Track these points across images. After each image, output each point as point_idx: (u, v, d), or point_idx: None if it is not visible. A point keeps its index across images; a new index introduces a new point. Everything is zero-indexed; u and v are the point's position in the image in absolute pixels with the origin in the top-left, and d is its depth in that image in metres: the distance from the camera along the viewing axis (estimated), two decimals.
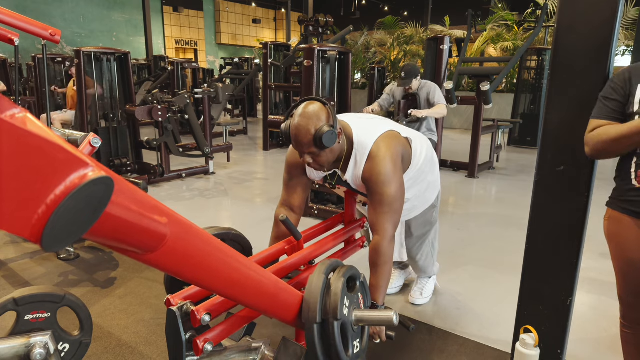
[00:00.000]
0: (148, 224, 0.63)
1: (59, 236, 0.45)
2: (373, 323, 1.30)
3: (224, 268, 0.91)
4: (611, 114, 1.42)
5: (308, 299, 1.20)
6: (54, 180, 0.42)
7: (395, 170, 1.75)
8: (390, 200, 1.71)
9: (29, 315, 1.60)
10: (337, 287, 1.21)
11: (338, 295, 1.19)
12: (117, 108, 5.05)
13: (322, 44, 5.77)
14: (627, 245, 1.50)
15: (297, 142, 1.62)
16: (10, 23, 2.30)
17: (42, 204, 0.42)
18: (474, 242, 3.53)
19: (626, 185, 1.47)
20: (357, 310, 1.30)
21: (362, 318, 1.29)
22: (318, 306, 1.18)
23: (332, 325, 1.18)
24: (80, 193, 0.43)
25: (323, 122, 1.59)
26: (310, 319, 1.18)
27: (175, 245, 0.73)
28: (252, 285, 1.01)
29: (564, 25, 1.56)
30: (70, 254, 3.08)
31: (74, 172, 0.43)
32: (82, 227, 0.47)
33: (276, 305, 1.16)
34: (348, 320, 1.25)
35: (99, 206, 0.47)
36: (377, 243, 1.72)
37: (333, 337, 1.19)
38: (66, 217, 0.44)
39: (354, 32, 13.04)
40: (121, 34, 16.21)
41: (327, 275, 1.24)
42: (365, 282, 1.41)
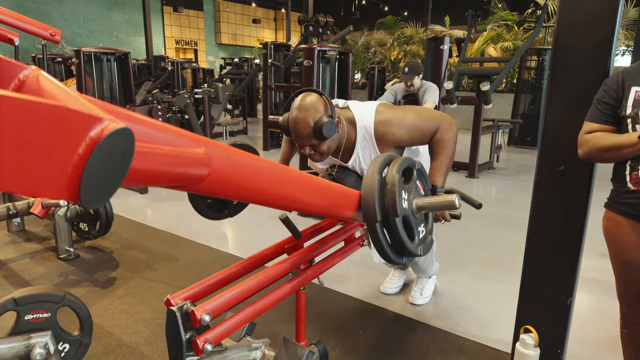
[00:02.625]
0: (184, 163, 0.62)
1: (96, 192, 0.47)
2: (435, 209, 1.28)
3: (276, 179, 0.89)
4: (604, 118, 1.43)
5: (365, 200, 1.17)
6: (74, 142, 0.44)
7: (402, 109, 1.80)
8: (419, 119, 1.75)
9: (29, 315, 1.60)
10: (393, 183, 1.17)
11: (395, 192, 1.16)
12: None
13: (322, 44, 5.77)
14: (626, 247, 1.50)
15: (297, 134, 1.63)
16: (10, 23, 2.30)
17: (69, 165, 0.44)
18: (474, 242, 3.53)
19: (622, 188, 1.47)
20: (418, 198, 1.28)
21: (423, 206, 1.27)
22: (377, 206, 1.16)
23: (394, 221, 1.17)
24: (102, 149, 0.45)
25: (321, 113, 1.60)
26: (371, 219, 1.17)
27: (220, 174, 0.71)
28: (308, 189, 0.99)
29: (564, 25, 1.56)
30: (70, 254, 3.08)
31: (91, 130, 0.45)
32: (116, 178, 0.49)
33: (336, 205, 1.15)
34: (409, 211, 1.24)
35: (125, 156, 0.48)
36: (437, 137, 1.74)
37: (397, 232, 1.18)
38: (96, 173, 0.46)
39: (354, 32, 13.05)
40: (121, 34, 16.21)
41: (381, 172, 1.21)
42: (422, 169, 1.38)
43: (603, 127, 1.43)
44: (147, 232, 3.72)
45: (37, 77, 0.54)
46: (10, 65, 0.54)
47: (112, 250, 3.28)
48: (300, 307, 1.63)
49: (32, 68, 0.55)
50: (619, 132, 1.42)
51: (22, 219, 3.61)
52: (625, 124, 1.40)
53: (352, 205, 1.20)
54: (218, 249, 3.35)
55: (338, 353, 2.08)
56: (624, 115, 1.39)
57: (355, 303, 2.57)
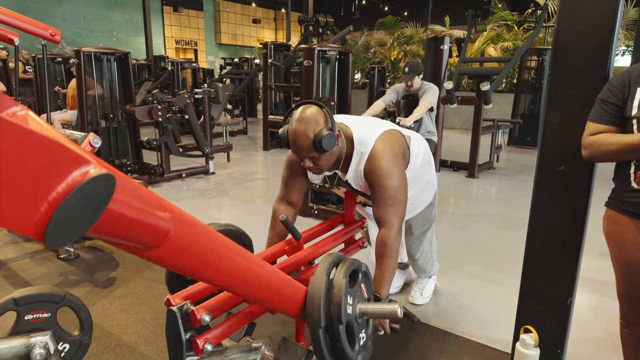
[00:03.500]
0: (151, 220, 0.62)
1: (61, 233, 0.45)
2: (377, 316, 1.29)
3: (228, 263, 0.90)
4: (609, 118, 1.42)
5: (311, 304, 1.19)
6: (56, 178, 0.43)
7: (396, 163, 1.76)
8: (393, 192, 1.72)
9: (29, 315, 1.60)
10: (340, 289, 1.20)
11: (341, 298, 1.18)
12: (117, 108, 5.05)
13: (322, 44, 5.77)
14: (626, 246, 1.50)
15: (297, 147, 1.62)
16: (10, 23, 2.30)
17: (45, 201, 0.43)
18: (474, 242, 3.53)
19: (625, 187, 1.46)
20: (361, 304, 1.29)
21: (366, 312, 1.28)
22: (322, 310, 1.17)
23: (337, 329, 1.18)
24: (82, 190, 0.43)
25: (321, 126, 1.59)
26: (315, 324, 1.18)
27: (179, 241, 0.72)
28: (257, 280, 1.01)
29: (564, 25, 1.56)
30: (70, 254, 3.08)
31: (75, 170, 0.44)
32: (84, 224, 0.47)
33: (281, 299, 1.16)
34: (352, 317, 1.25)
35: (101, 203, 0.47)
36: (383, 235, 1.72)
37: (339, 340, 1.19)
38: (69, 215, 0.44)
39: (354, 32, 13.04)
40: (121, 34, 16.21)
41: (329, 275, 1.24)
42: (367, 272, 1.40)
43: (608, 128, 1.42)
44: None
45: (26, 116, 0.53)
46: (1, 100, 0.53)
47: (112, 250, 3.28)
48: None
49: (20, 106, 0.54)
50: (624, 132, 1.41)
51: None
52: (631, 125, 1.39)
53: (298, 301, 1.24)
54: None
55: None
56: (629, 115, 1.38)
57: None
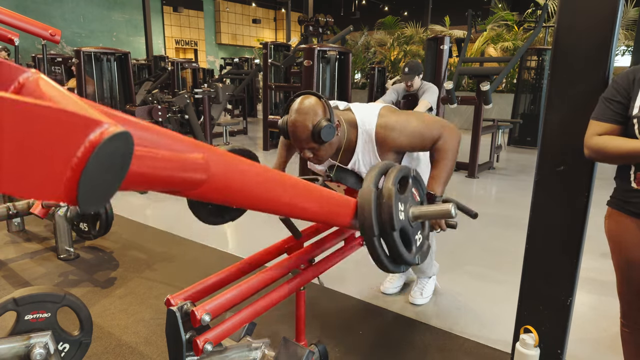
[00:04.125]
0: (183, 168, 0.62)
1: (93, 195, 0.47)
2: (431, 218, 1.28)
3: (274, 190, 0.89)
4: (614, 117, 1.41)
5: (362, 215, 1.17)
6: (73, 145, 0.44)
7: (406, 113, 1.79)
8: (423, 124, 1.74)
9: (29, 315, 1.60)
10: (390, 196, 1.17)
11: (391, 207, 1.16)
12: (117, 108, 5.05)
13: (322, 44, 5.77)
14: (628, 245, 1.50)
15: (296, 138, 1.63)
16: (10, 23, 2.30)
17: (68, 168, 0.45)
18: (474, 242, 3.53)
19: (625, 186, 1.47)
20: (414, 207, 1.27)
21: (419, 215, 1.26)
22: (374, 220, 1.16)
23: (391, 235, 1.17)
24: (101, 152, 0.45)
25: (320, 117, 1.59)
26: (368, 233, 1.17)
27: (218, 180, 0.72)
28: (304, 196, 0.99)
29: (564, 25, 1.56)
30: (70, 254, 3.08)
31: (90, 133, 0.45)
32: (113, 183, 0.49)
33: (331, 211, 1.14)
34: (406, 222, 1.24)
35: (123, 162, 0.48)
36: (440, 144, 1.73)
37: (394, 246, 1.18)
38: (95, 176, 0.46)
39: (354, 32, 13.04)
40: (121, 34, 16.20)
41: (377, 185, 1.21)
42: (417, 176, 1.38)
43: (612, 127, 1.42)
44: (147, 232, 3.72)
45: (37, 80, 0.54)
46: (10, 68, 0.54)
47: (112, 250, 3.28)
48: (300, 307, 1.63)
49: (31, 71, 0.55)
50: (625, 132, 1.41)
51: (22, 219, 3.61)
52: (632, 124, 1.39)
53: (348, 213, 1.20)
54: (218, 249, 3.35)
55: (338, 353, 2.08)
56: (630, 114, 1.39)
57: (355, 303, 2.57)
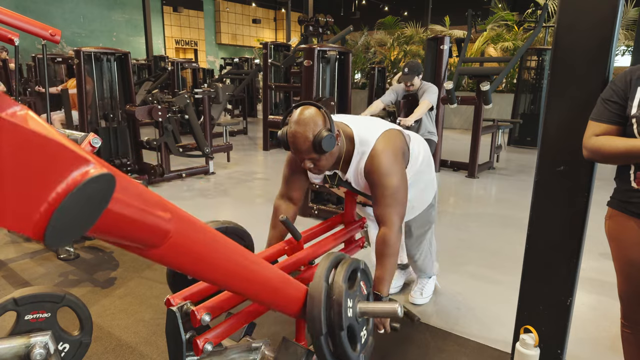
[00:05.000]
0: (151, 220, 0.62)
1: (61, 233, 0.45)
2: (377, 316, 1.29)
3: (229, 262, 0.90)
4: (612, 117, 1.42)
5: (311, 312, 1.19)
6: (56, 178, 0.43)
7: (396, 162, 1.76)
8: (394, 191, 1.72)
9: (29, 315, 1.60)
10: (340, 295, 1.19)
11: (341, 305, 1.18)
12: (117, 108, 5.05)
13: (322, 44, 5.77)
14: (628, 245, 1.50)
15: (296, 149, 1.62)
16: (10, 23, 2.30)
17: (44, 202, 0.43)
18: (474, 242, 3.53)
19: (625, 186, 1.47)
20: (362, 303, 1.28)
21: (366, 311, 1.27)
22: (322, 319, 1.17)
23: (339, 335, 1.18)
24: (82, 190, 0.43)
25: (320, 127, 1.59)
26: (316, 332, 1.19)
27: (179, 240, 0.72)
28: (257, 280, 1.01)
29: (564, 25, 1.56)
30: (70, 254, 3.08)
31: (75, 170, 0.44)
32: (85, 224, 0.47)
33: (281, 299, 1.16)
34: (353, 318, 1.25)
35: (101, 203, 0.47)
36: (384, 234, 1.72)
37: (341, 345, 1.19)
38: (68, 215, 0.44)
39: (354, 32, 13.04)
40: (121, 34, 16.20)
41: (328, 280, 1.23)
42: (366, 269, 1.39)
43: (611, 127, 1.42)
44: None
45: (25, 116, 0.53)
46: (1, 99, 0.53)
47: (112, 250, 3.28)
48: None
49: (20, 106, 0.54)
50: (624, 132, 1.41)
51: None
52: (631, 124, 1.39)
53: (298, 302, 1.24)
54: None
55: None
56: (629, 114, 1.39)
57: None
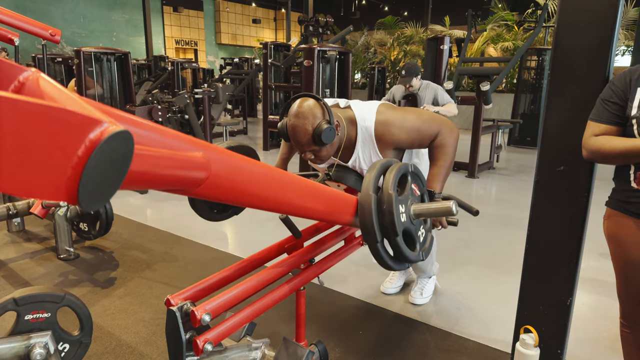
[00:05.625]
0: (183, 166, 0.62)
1: (94, 194, 0.47)
2: (432, 215, 1.27)
3: (274, 187, 0.88)
4: (611, 118, 1.42)
5: (363, 223, 1.16)
6: (73, 144, 0.44)
7: (403, 109, 1.80)
8: (422, 120, 1.74)
9: (29, 315, 1.60)
10: (390, 202, 1.15)
11: (392, 213, 1.15)
12: (117, 108, 5.05)
13: (322, 44, 5.77)
14: (627, 245, 1.50)
15: (296, 142, 1.63)
16: (10, 23, 2.30)
17: (68, 167, 0.45)
18: (474, 242, 3.53)
19: (625, 186, 1.46)
20: (415, 205, 1.26)
21: (420, 212, 1.26)
22: (375, 228, 1.15)
23: (394, 240, 1.16)
24: (101, 151, 0.45)
25: (320, 119, 1.59)
26: (371, 241, 1.16)
27: (219, 178, 0.71)
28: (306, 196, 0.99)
29: (564, 25, 1.56)
30: (70, 254, 3.08)
31: (90, 132, 0.45)
32: (114, 181, 0.49)
33: (333, 211, 1.13)
34: (408, 222, 1.22)
35: (123, 161, 0.48)
36: (437, 141, 1.73)
37: (398, 249, 1.17)
38: (95, 176, 0.46)
39: (354, 32, 13.05)
40: (121, 34, 16.20)
41: (376, 190, 1.20)
42: (416, 171, 1.35)
43: (610, 128, 1.42)
44: (147, 232, 3.72)
45: (37, 79, 0.54)
46: (10, 67, 0.54)
47: (112, 250, 3.28)
48: (300, 307, 1.63)
49: (32, 70, 0.55)
50: (624, 133, 1.42)
51: (22, 219, 3.61)
52: (631, 125, 1.39)
53: (349, 211, 1.19)
54: (218, 249, 3.35)
55: (338, 353, 2.08)
56: (629, 115, 1.39)
57: (355, 303, 2.57)
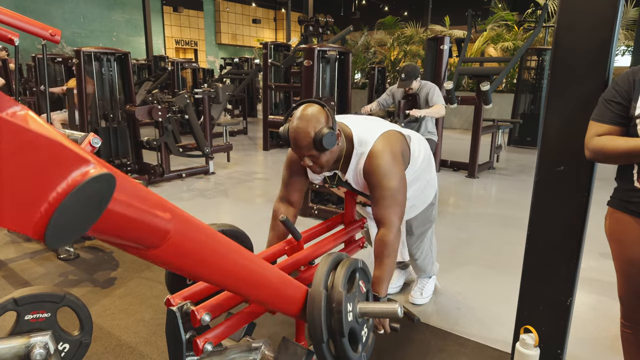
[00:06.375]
0: (151, 220, 0.62)
1: (61, 233, 0.45)
2: (377, 316, 1.28)
3: (229, 263, 0.90)
4: (614, 118, 1.41)
5: (311, 320, 1.18)
6: (56, 178, 0.43)
7: (395, 163, 1.76)
8: (393, 193, 1.72)
9: (29, 315, 1.60)
10: (339, 302, 1.17)
11: (341, 312, 1.17)
12: (117, 108, 5.05)
13: (322, 44, 5.77)
14: (629, 244, 1.49)
15: (297, 145, 1.63)
16: (10, 23, 2.30)
17: (45, 201, 0.43)
18: (474, 242, 3.53)
19: (627, 186, 1.46)
20: (361, 304, 1.28)
21: (366, 312, 1.27)
22: (323, 327, 1.17)
23: (340, 341, 1.18)
24: (82, 190, 0.44)
25: (322, 124, 1.60)
26: (317, 340, 1.18)
27: (178, 240, 0.72)
28: (257, 280, 1.01)
29: (564, 25, 1.56)
30: (70, 254, 3.08)
31: (75, 170, 0.44)
32: (85, 223, 0.47)
33: (281, 300, 1.16)
34: (353, 322, 1.24)
35: (101, 203, 0.47)
36: (383, 235, 1.72)
37: (343, 350, 1.19)
38: (69, 214, 0.44)
39: (354, 32, 13.04)
40: (121, 34, 16.20)
41: (327, 287, 1.22)
42: (364, 267, 1.38)
43: (613, 128, 1.42)
44: None
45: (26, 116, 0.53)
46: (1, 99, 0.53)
47: (112, 250, 3.28)
48: None
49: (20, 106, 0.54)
50: (627, 133, 1.41)
51: None
52: (634, 124, 1.39)
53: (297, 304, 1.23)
54: None
55: None
56: (632, 115, 1.38)
57: None
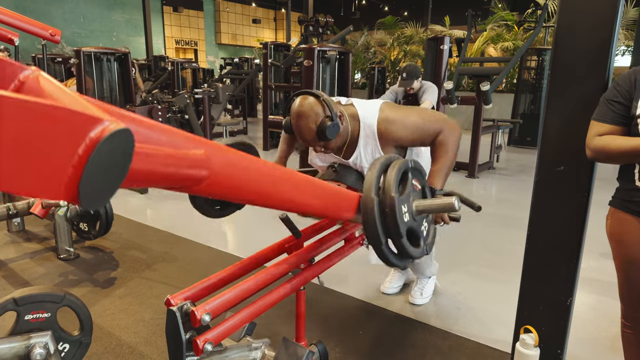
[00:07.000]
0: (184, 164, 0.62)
1: (94, 194, 0.47)
2: (434, 212, 1.26)
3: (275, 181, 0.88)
4: (616, 118, 1.41)
5: (367, 227, 1.15)
6: (74, 142, 0.45)
7: (407, 108, 1.81)
8: (423, 118, 1.75)
9: (29, 315, 1.60)
10: (392, 204, 1.14)
11: (395, 216, 1.13)
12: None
13: (322, 44, 5.77)
14: (630, 244, 1.49)
15: (303, 139, 1.69)
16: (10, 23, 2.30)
17: (69, 166, 0.45)
18: (474, 242, 3.53)
19: (629, 186, 1.46)
20: (417, 201, 1.25)
21: (423, 209, 1.25)
22: (379, 231, 1.14)
23: (399, 242, 1.16)
24: (102, 149, 0.45)
25: (321, 116, 1.63)
26: (376, 244, 1.16)
27: (220, 175, 0.71)
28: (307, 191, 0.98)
29: (564, 25, 1.56)
30: (70, 254, 3.08)
31: (90, 130, 0.45)
32: (114, 180, 0.49)
33: (335, 207, 1.13)
34: (410, 220, 1.21)
35: (124, 159, 0.48)
36: (440, 140, 1.75)
37: (403, 249, 1.17)
38: (96, 175, 0.46)
39: (354, 32, 13.05)
40: (121, 34, 16.20)
41: (378, 193, 1.18)
42: (416, 166, 1.34)
43: (614, 128, 1.42)
44: (147, 232, 3.72)
45: (37, 78, 0.54)
46: (11, 66, 0.54)
47: (112, 250, 3.28)
48: (300, 307, 1.63)
49: (32, 69, 0.55)
50: (628, 132, 1.41)
51: (22, 219, 3.61)
52: (636, 124, 1.38)
53: (351, 208, 1.18)
54: (218, 249, 3.35)
55: (338, 353, 2.08)
56: (634, 114, 1.38)
57: (355, 303, 2.57)
